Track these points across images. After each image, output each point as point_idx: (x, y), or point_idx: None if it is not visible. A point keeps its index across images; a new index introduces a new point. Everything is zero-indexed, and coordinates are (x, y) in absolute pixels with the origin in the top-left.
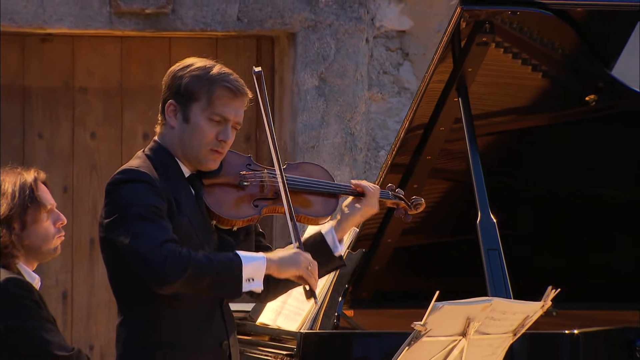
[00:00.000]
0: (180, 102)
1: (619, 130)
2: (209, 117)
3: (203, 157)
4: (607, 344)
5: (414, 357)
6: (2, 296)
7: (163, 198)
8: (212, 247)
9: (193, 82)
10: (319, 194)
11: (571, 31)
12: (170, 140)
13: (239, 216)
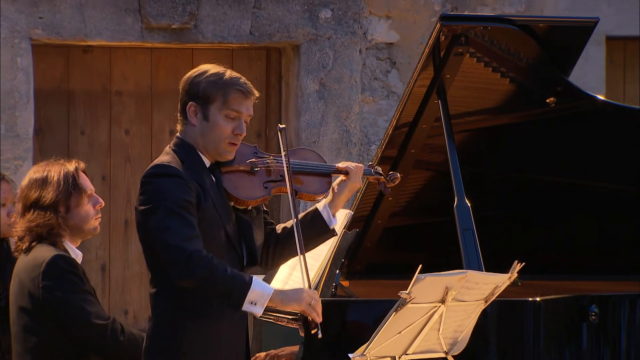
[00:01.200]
0: (199, 104)
1: (575, 127)
2: (226, 115)
3: (222, 149)
4: (564, 310)
5: (400, 321)
6: (51, 270)
7: (191, 188)
8: (232, 224)
9: (210, 86)
10: (315, 174)
11: (534, 43)
12: (192, 136)
13: (252, 196)
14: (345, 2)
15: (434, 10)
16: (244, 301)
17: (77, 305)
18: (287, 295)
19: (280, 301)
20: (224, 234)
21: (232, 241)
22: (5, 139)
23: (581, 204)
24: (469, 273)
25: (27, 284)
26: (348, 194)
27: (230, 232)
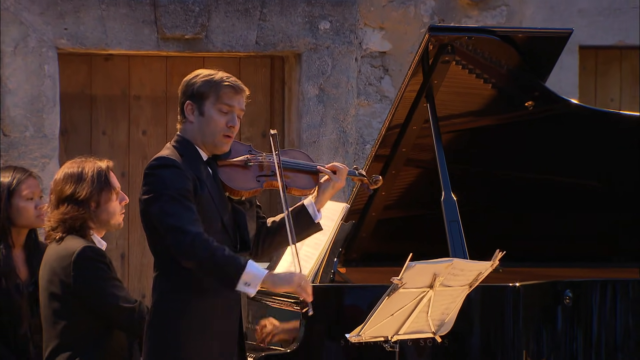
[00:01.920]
0: (195, 102)
1: (550, 128)
2: (219, 109)
3: (218, 141)
4: (541, 294)
5: (392, 304)
6: (81, 260)
7: (189, 178)
8: (227, 213)
9: (203, 85)
10: (303, 171)
11: (514, 52)
12: (191, 132)
13: (245, 188)
14: (342, 14)
15: (423, 22)
16: (239, 282)
17: (107, 291)
18: (279, 278)
19: (272, 283)
20: (220, 221)
21: (227, 228)
22: (33, 139)
23: (556, 198)
24: (455, 261)
25: (58, 272)
26: (332, 192)
27: (225, 220)
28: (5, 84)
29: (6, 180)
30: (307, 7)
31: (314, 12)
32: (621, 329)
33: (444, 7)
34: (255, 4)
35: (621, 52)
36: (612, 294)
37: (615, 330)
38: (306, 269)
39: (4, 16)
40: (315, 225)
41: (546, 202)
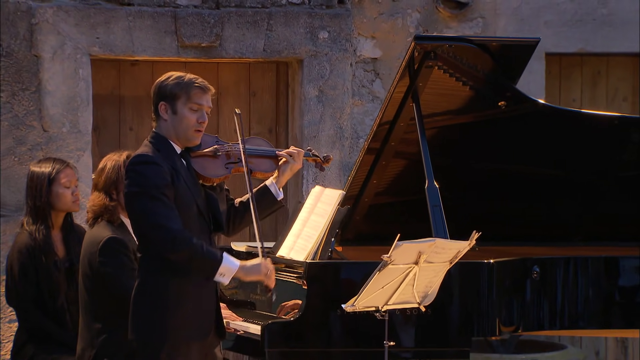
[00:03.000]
0: (168, 102)
1: (521, 125)
2: (190, 107)
3: (190, 136)
4: (512, 270)
5: (382, 279)
6: (105, 250)
7: (166, 172)
8: (201, 198)
9: (175, 86)
10: (265, 157)
11: (488, 58)
12: (165, 129)
13: (216, 175)
14: (339, 25)
15: (409, 32)
16: (216, 274)
17: (123, 280)
18: (248, 269)
19: (243, 274)
20: (195, 206)
21: (202, 212)
22: (69, 134)
23: (526, 186)
24: (437, 241)
25: (89, 256)
26: (290, 173)
27: (200, 205)
28: (44, 86)
29: (47, 170)
30: (308, 19)
31: (314, 24)
32: (582, 300)
33: (428, 19)
34: (263, 16)
35: (582, 59)
36: (574, 269)
37: (576, 301)
38: (307, 247)
39: (44, 27)
40: (277, 202)
41: (517, 189)
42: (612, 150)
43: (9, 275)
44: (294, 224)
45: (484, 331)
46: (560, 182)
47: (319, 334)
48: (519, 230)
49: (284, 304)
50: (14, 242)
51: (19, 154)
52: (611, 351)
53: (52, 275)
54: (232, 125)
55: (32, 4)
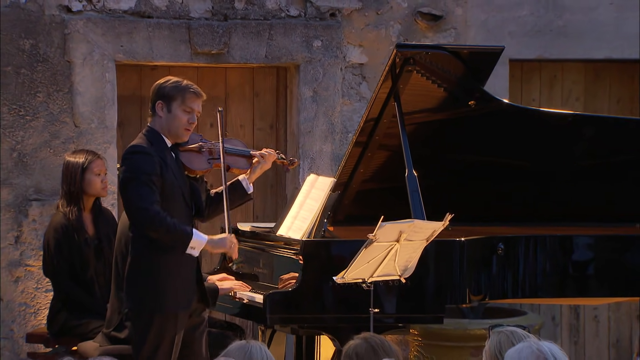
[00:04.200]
0: (165, 101)
1: (488, 122)
2: (183, 109)
3: (180, 133)
4: (481, 247)
5: (368, 255)
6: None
7: (156, 162)
8: (186, 188)
9: (172, 89)
10: (241, 156)
11: (460, 63)
12: (159, 125)
13: (200, 168)
14: (330, 35)
15: (392, 41)
16: (187, 247)
17: None
18: (215, 243)
19: (211, 247)
20: (181, 194)
21: (186, 199)
22: (97, 129)
23: (493, 173)
24: (415, 221)
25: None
26: (260, 172)
27: (184, 193)
28: (76, 88)
29: (80, 160)
30: (304, 29)
31: (309, 34)
32: (540, 273)
33: (408, 29)
34: (265, 27)
35: (540, 64)
36: (533, 246)
37: (536, 273)
38: (303, 227)
39: (75, 37)
40: (247, 195)
41: (486, 177)
42: (566, 143)
43: (46, 250)
44: (291, 207)
45: (455, 300)
46: (522, 171)
47: (314, 302)
48: (487, 212)
49: (282, 276)
50: (50, 222)
51: (54, 146)
52: (565, 316)
53: (82, 251)
54: (237, 121)
55: (65, 17)
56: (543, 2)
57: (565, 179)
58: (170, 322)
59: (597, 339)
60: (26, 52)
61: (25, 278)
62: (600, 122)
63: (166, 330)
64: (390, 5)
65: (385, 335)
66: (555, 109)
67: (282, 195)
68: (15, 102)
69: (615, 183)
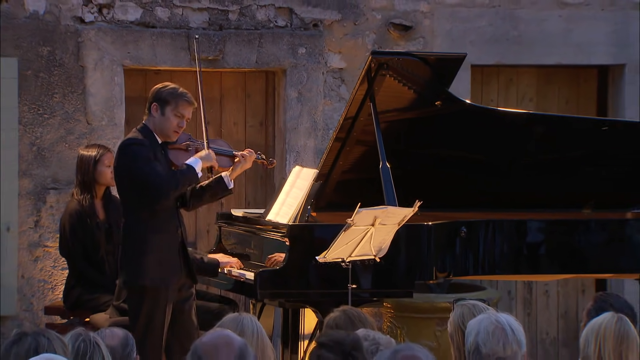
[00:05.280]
0: (160, 104)
1: (453, 120)
2: (175, 114)
3: (170, 134)
4: (446, 230)
5: (347, 237)
6: None
7: (149, 152)
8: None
9: (168, 94)
10: (224, 155)
11: (428, 68)
12: (152, 124)
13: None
14: (314, 43)
15: (368, 48)
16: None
17: None
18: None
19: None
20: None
21: None
22: (107, 126)
23: (457, 165)
24: (388, 208)
25: None
26: (240, 170)
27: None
28: (88, 90)
29: (93, 153)
30: (290, 38)
31: (295, 42)
32: (498, 253)
33: (382, 38)
34: (256, 36)
35: (498, 69)
36: (492, 229)
37: (494, 253)
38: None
39: (87, 44)
40: (228, 190)
41: (450, 168)
42: (520, 139)
43: (62, 233)
44: (279, 195)
45: (423, 276)
46: (482, 163)
47: (299, 279)
48: (452, 200)
49: (270, 256)
50: (66, 208)
51: (69, 141)
52: (519, 291)
53: (94, 234)
54: (230, 119)
55: (79, 27)
56: (500, 14)
57: (520, 170)
58: (161, 295)
59: (548, 311)
60: (44, 58)
61: (43, 258)
62: (550, 120)
63: (157, 303)
64: (366, 17)
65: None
66: (511, 109)
67: (270, 184)
68: (34, 102)
69: (563, 173)
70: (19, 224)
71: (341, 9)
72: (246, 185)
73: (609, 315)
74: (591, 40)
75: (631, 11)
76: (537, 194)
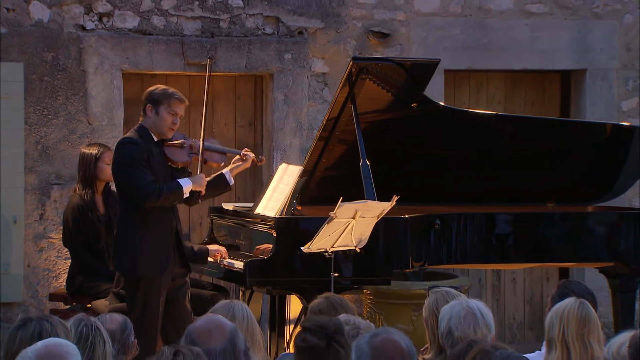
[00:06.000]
0: (154, 105)
1: (428, 120)
2: (169, 112)
3: (165, 131)
4: (422, 223)
5: (330, 229)
6: None
7: (144, 152)
8: (169, 177)
9: (161, 95)
10: (217, 152)
11: (404, 73)
12: (148, 123)
13: (181, 160)
14: (299, 49)
15: (349, 54)
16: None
17: None
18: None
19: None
20: (163, 180)
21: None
22: (107, 126)
23: (432, 162)
24: (368, 202)
25: None
26: (240, 169)
27: (166, 180)
28: (89, 92)
29: (94, 152)
30: (277, 44)
31: (281, 48)
32: (469, 243)
33: (362, 45)
34: (245, 43)
35: (469, 74)
36: (464, 222)
37: (465, 244)
38: (277, 207)
39: (89, 50)
40: (228, 186)
41: (426, 165)
42: (490, 138)
43: (65, 225)
44: (267, 190)
45: (401, 265)
46: (455, 160)
47: (285, 268)
48: (427, 194)
49: (258, 246)
50: (69, 202)
51: (71, 140)
52: (489, 279)
53: (95, 226)
54: (222, 120)
55: (81, 34)
56: (471, 23)
57: (490, 167)
58: (155, 285)
59: (515, 297)
60: (48, 63)
61: (48, 248)
62: (517, 121)
63: (152, 292)
64: (348, 25)
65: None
66: (481, 110)
67: (259, 180)
68: (39, 104)
69: (529, 170)
70: (25, 217)
71: (324, 17)
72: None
73: (571, 300)
74: (554, 47)
75: (591, 20)
76: (506, 189)
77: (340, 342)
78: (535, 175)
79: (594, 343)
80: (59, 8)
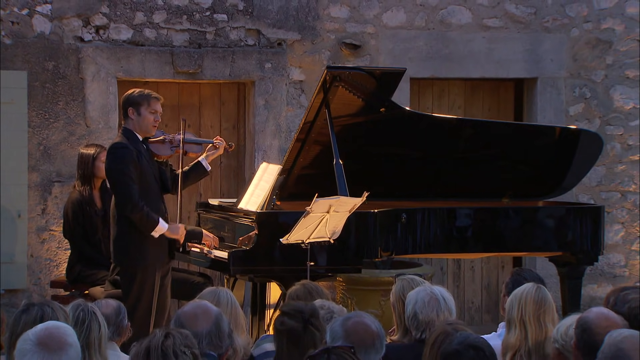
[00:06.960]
0: (134, 107)
1: (395, 124)
2: (150, 111)
3: (149, 129)
4: (389, 216)
5: (306, 222)
6: None
7: (133, 153)
8: (156, 170)
9: (139, 97)
10: (196, 144)
11: (373, 80)
12: (132, 125)
13: (165, 154)
14: (278, 59)
15: (324, 63)
16: (152, 232)
17: None
18: (172, 230)
19: (169, 233)
20: (152, 175)
21: (156, 179)
22: (103, 129)
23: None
24: (340, 197)
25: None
26: (214, 156)
27: (155, 174)
28: (87, 98)
29: (92, 152)
30: (258, 55)
31: (262, 58)
32: (432, 235)
33: (335, 55)
34: (229, 53)
35: (432, 82)
36: (428, 215)
37: (429, 235)
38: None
39: (87, 59)
40: (206, 172)
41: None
42: (452, 139)
43: (65, 219)
44: (249, 187)
45: (370, 255)
46: (420, 160)
47: (266, 257)
48: (394, 190)
49: (241, 238)
50: (68, 198)
51: (71, 142)
52: (450, 267)
53: (92, 219)
54: (208, 123)
55: (79, 45)
56: (434, 36)
57: (451, 166)
58: (148, 272)
59: (473, 284)
60: (50, 71)
61: (49, 240)
62: (476, 124)
63: (146, 282)
64: (322, 37)
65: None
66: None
67: (241, 178)
68: (41, 108)
69: (486, 168)
70: (28, 212)
71: (301, 30)
72: (221, 179)
73: (530, 285)
74: (509, 58)
75: (542, 33)
76: (465, 185)
77: (315, 325)
78: (492, 173)
79: (548, 323)
80: (59, 21)
